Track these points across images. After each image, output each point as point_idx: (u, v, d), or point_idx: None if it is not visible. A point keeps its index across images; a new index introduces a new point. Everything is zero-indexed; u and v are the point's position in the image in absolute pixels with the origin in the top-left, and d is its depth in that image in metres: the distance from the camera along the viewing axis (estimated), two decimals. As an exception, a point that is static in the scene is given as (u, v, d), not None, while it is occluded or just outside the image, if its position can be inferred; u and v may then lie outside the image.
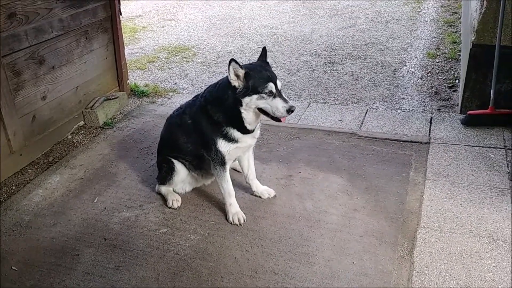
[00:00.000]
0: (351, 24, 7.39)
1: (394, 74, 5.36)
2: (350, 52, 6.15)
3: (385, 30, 6.99)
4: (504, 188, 3.18)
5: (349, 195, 3.25)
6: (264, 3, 9.01)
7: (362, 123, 4.23)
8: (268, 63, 2.98)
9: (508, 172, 3.34)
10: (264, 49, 3.03)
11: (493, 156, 3.55)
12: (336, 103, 4.74)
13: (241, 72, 2.76)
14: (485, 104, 3.99)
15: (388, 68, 5.54)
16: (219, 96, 2.91)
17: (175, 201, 3.23)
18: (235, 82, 2.78)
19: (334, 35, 6.88)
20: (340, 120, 4.31)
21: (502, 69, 3.85)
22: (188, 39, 7.17)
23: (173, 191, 3.31)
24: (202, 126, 3.00)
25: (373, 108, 4.54)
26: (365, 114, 4.38)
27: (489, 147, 3.66)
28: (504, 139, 3.75)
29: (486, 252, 2.66)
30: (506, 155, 3.54)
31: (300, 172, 3.56)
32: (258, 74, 2.79)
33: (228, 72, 2.76)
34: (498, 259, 2.61)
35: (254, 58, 6.38)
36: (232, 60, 2.73)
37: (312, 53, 6.22)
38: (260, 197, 3.28)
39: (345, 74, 5.46)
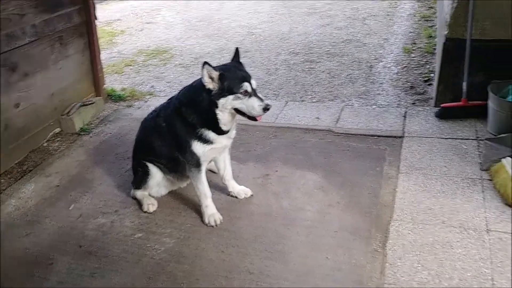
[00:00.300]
0: (329, 22, 7.43)
1: (370, 70, 5.40)
2: (327, 49, 6.19)
3: (362, 27, 7.04)
4: (476, 179, 3.23)
5: (324, 191, 3.28)
6: (243, 3, 9.01)
7: (338, 119, 4.25)
8: (241, 63, 3.00)
9: (480, 163, 3.38)
10: (236, 49, 3.04)
11: (465, 147, 3.60)
12: (313, 101, 4.77)
13: (215, 74, 2.76)
14: (458, 96, 4.03)
15: (364, 65, 5.58)
16: (193, 98, 2.91)
17: (151, 205, 3.22)
18: (210, 85, 2.78)
19: (312, 33, 6.91)
20: (317, 118, 4.33)
21: (474, 62, 3.90)
22: (166, 42, 7.15)
23: (149, 195, 3.30)
24: (176, 128, 3.00)
25: (349, 105, 4.57)
26: (341, 111, 4.41)
27: (462, 139, 3.71)
28: (476, 130, 3.80)
29: (457, 241, 2.70)
30: (478, 146, 3.59)
31: (277, 171, 3.57)
32: (233, 75, 2.80)
33: (202, 75, 2.77)
34: (468, 247, 2.65)
35: (232, 58, 6.41)
36: (205, 63, 2.74)
37: (290, 52, 6.24)
38: (236, 197, 3.29)
39: (322, 72, 5.48)
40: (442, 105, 4.07)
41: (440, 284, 2.44)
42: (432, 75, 5.02)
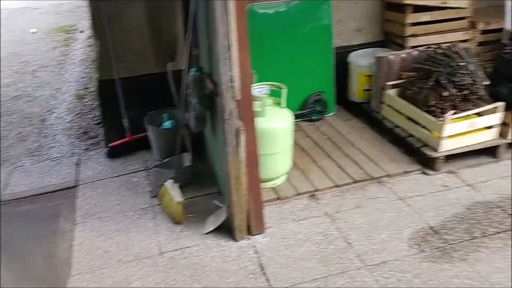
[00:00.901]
0: (-8, 80, 6.79)
1: (43, 124, 5.16)
2: (-8, 111, 5.63)
3: (32, 80, 6.69)
4: (147, 207, 3.43)
5: (-9, 274, 2.91)
6: None
7: (7, 186, 3.88)
8: None
9: (150, 190, 3.61)
10: None
11: (137, 179, 3.80)
12: (-24, 174, 4.22)
13: None
14: (124, 133, 4.22)
15: (36, 119, 5.30)
16: None
17: None
18: None
19: (-26, 97, 6.17)
20: (-18, 192, 3.85)
21: (129, 99, 4.14)
22: None
23: None
24: None
25: (19, 166, 4.23)
26: (10, 175, 4.04)
27: (132, 173, 3.89)
28: (145, 161, 4.06)
29: (133, 275, 2.78)
30: (148, 175, 3.84)
31: None
32: None
33: None
34: (144, 277, 2.76)
35: None
36: None
37: None
38: None
39: (-13, 136, 4.95)
40: (109, 144, 4.19)
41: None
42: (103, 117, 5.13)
